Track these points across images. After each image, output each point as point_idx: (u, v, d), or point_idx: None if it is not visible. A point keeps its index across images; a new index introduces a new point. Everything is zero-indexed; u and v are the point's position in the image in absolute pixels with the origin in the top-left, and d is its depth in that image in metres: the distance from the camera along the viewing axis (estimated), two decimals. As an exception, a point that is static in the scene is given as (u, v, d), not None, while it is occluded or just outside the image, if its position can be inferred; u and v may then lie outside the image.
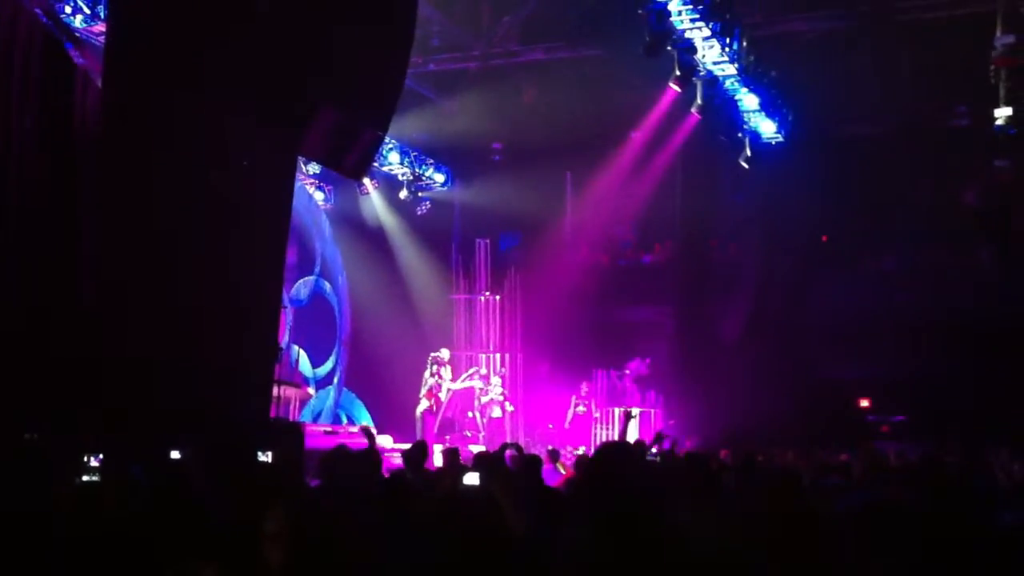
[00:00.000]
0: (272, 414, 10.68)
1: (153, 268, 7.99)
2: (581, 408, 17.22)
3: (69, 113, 8.47)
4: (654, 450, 10.19)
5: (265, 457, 7.62)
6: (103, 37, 9.62)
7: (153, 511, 4.85)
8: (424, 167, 18.74)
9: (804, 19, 14.95)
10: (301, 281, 17.91)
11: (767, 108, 15.59)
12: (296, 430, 9.91)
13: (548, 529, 4.50)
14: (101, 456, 6.20)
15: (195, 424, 7.48)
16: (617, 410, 15.53)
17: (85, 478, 5.95)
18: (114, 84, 7.75)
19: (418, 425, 15.16)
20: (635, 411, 15.72)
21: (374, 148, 10.02)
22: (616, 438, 13.66)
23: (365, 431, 9.81)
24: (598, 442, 15.68)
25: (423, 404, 15.90)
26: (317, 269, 18.20)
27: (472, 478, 6.39)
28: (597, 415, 17.20)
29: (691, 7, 12.64)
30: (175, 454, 6.78)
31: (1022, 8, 12.42)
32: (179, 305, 8.12)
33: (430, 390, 16.07)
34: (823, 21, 14.91)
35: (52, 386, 7.72)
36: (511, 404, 17.10)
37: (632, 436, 14.16)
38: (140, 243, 7.94)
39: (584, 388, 17.37)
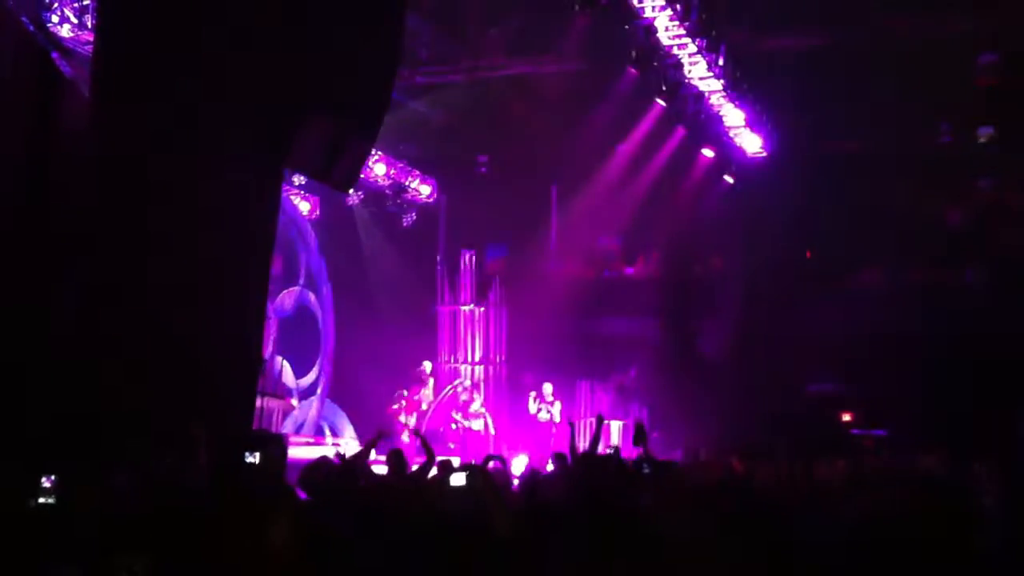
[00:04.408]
0: (255, 425, 10.66)
1: (137, 277, 7.98)
2: (544, 414, 16.28)
3: (56, 123, 8.45)
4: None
5: (253, 459, 7.61)
6: (90, 47, 9.62)
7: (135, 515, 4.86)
8: (410, 179, 18.77)
9: (789, 36, 15.04)
10: (285, 292, 17.87)
11: (752, 124, 15.70)
12: (279, 441, 9.88)
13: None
14: (54, 477, 6.14)
15: (176, 434, 7.47)
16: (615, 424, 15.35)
17: (41, 500, 5.88)
18: (102, 94, 7.75)
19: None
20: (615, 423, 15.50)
21: (361, 160, 10.05)
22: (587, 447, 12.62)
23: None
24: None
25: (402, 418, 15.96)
26: (302, 280, 18.16)
27: (459, 479, 6.40)
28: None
29: (678, 23, 12.74)
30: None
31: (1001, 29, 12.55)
32: (163, 315, 8.11)
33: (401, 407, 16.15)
34: (808, 38, 15.00)
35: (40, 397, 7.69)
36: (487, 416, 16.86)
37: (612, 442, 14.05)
38: (124, 253, 7.93)
39: (548, 389, 16.40)
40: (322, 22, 8.33)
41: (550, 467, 14.26)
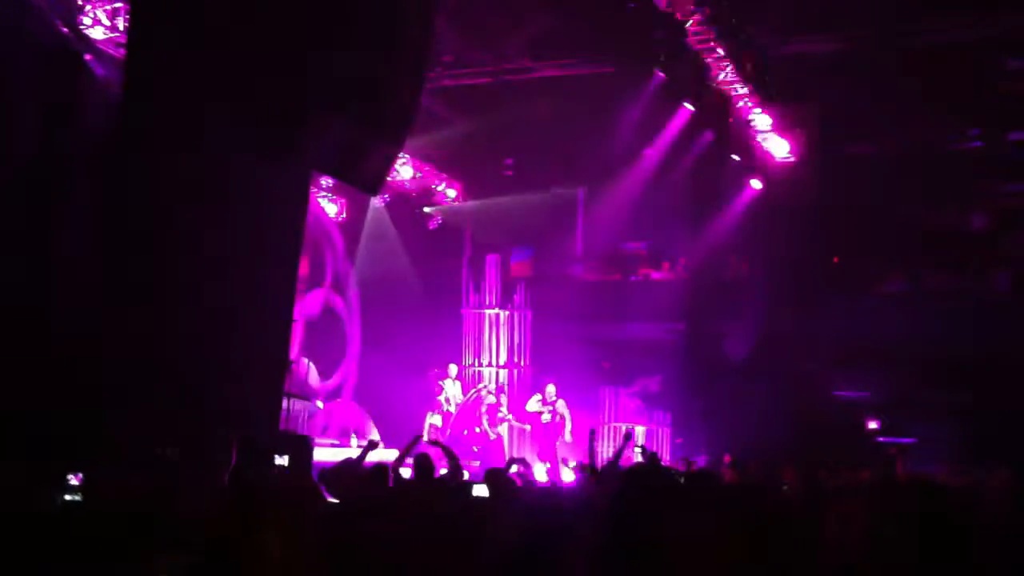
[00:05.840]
0: (280, 427, 10.71)
1: (165, 279, 8.03)
2: (546, 415, 15.71)
3: (87, 123, 8.53)
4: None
5: (280, 460, 7.67)
6: (122, 49, 9.69)
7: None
8: (436, 182, 18.82)
9: (818, 40, 14.96)
10: (312, 293, 17.95)
11: (779, 128, 15.63)
12: (304, 443, 9.94)
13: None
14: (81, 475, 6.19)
15: (205, 435, 7.51)
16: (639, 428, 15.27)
17: (68, 497, 5.92)
18: (133, 94, 7.81)
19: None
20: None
21: (389, 163, 10.08)
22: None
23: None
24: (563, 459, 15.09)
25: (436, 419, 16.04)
26: (328, 282, 18.24)
27: (481, 490, 6.42)
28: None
29: (706, 27, 12.70)
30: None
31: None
32: (190, 315, 8.16)
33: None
34: (837, 42, 14.92)
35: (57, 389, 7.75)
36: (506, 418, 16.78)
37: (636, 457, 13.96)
38: (153, 254, 7.99)
39: (551, 390, 15.89)
40: (350, 25, 8.36)
41: (567, 475, 14.27)
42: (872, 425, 16.36)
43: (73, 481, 6.30)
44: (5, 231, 8.24)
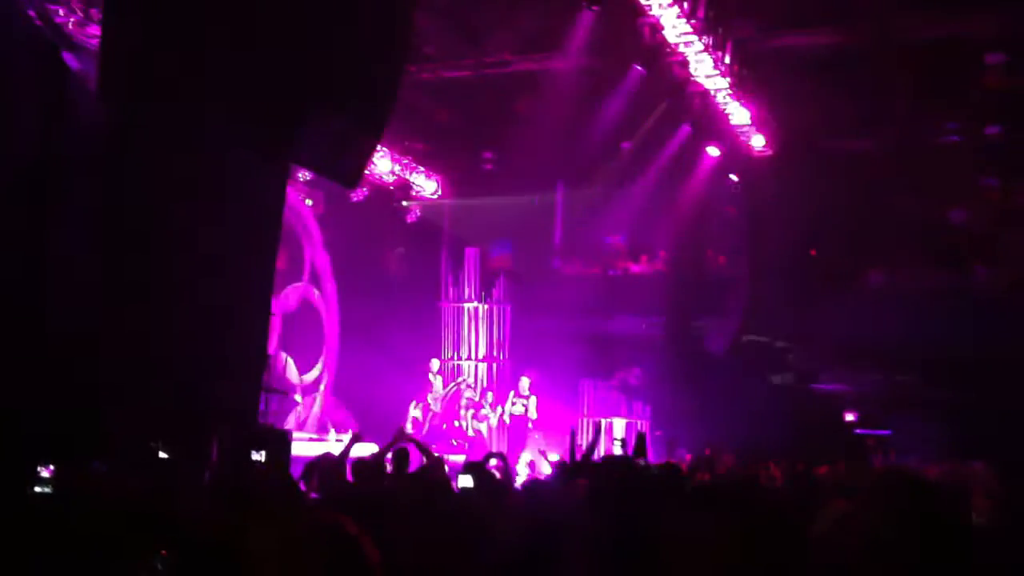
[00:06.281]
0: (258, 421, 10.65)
1: (142, 274, 7.97)
2: (518, 408, 15.92)
3: (64, 118, 8.44)
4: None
5: (258, 456, 7.63)
6: (96, 40, 9.59)
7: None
8: (415, 175, 18.75)
9: (797, 34, 14.98)
10: (290, 287, 17.86)
11: (758, 122, 15.67)
12: (282, 437, 9.89)
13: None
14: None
15: (185, 428, 7.47)
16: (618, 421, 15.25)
17: (37, 489, 5.86)
18: (108, 89, 7.73)
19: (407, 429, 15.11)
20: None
21: (367, 156, 10.03)
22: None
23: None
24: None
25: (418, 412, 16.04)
26: (306, 276, 18.16)
27: (466, 480, 6.41)
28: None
29: (684, 21, 12.70)
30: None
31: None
32: (167, 311, 8.11)
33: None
34: (815, 36, 14.94)
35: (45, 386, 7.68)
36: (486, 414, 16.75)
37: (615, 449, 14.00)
38: (130, 249, 7.93)
39: (525, 383, 16.11)
40: (328, 18, 8.30)
41: (546, 467, 14.27)
42: (849, 417, 16.45)
43: (44, 473, 6.23)
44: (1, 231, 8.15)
